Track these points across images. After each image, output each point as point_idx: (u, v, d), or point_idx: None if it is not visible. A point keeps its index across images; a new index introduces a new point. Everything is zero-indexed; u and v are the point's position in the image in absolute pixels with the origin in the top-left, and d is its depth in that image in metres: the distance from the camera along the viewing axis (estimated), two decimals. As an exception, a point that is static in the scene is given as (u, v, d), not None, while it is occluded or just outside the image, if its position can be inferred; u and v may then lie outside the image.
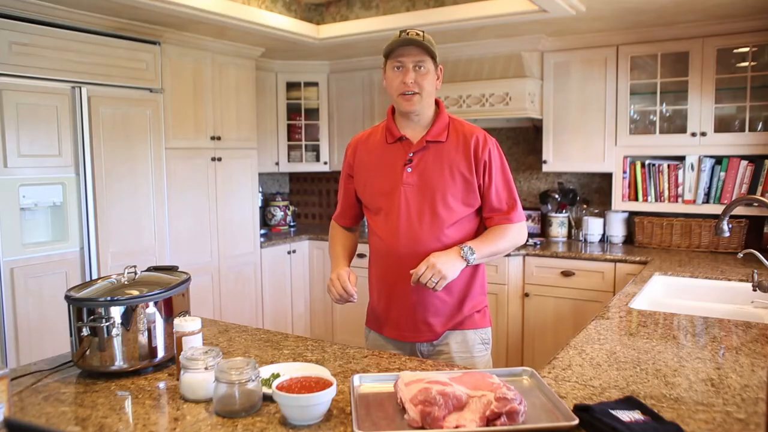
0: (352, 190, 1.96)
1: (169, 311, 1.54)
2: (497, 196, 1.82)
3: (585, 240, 3.96)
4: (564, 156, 3.91)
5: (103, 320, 1.43)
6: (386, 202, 1.84)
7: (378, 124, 1.97)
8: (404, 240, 1.78)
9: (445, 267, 1.66)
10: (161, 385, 1.43)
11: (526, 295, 3.69)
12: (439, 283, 1.66)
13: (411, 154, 1.82)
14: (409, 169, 1.81)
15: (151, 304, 1.49)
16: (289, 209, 4.96)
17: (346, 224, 2.04)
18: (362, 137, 1.97)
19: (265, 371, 1.43)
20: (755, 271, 2.44)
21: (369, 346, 1.94)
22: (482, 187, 1.81)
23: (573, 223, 4.09)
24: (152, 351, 1.50)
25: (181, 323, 1.44)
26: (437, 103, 1.89)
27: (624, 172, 3.75)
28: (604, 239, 3.95)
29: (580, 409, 1.20)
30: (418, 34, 1.75)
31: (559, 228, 4.06)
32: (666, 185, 3.65)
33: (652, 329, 1.89)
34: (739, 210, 3.38)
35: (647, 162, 3.71)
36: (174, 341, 1.47)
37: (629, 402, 1.24)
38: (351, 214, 2.02)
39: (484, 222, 1.87)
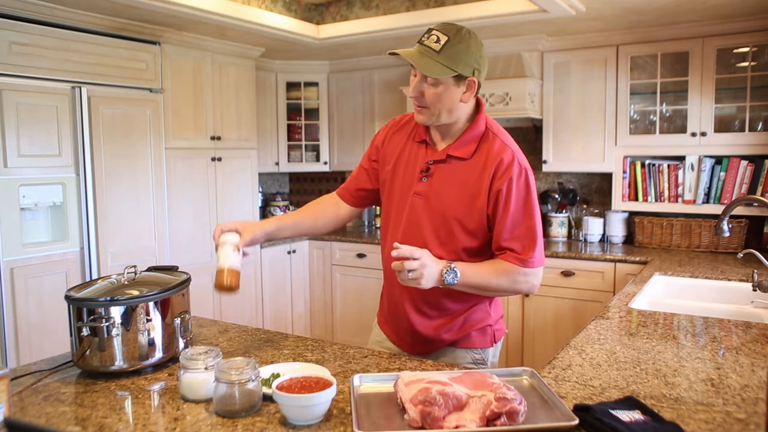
0: (372, 173, 1.79)
1: (169, 311, 1.54)
2: (510, 233, 1.56)
3: (585, 240, 3.96)
4: (564, 156, 3.91)
5: (103, 320, 1.43)
6: (396, 206, 1.70)
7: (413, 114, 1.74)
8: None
9: (427, 275, 1.46)
10: (161, 385, 1.43)
11: (526, 295, 3.69)
12: (410, 282, 1.46)
13: (430, 162, 1.64)
14: (424, 179, 1.64)
15: (151, 304, 1.49)
16: (289, 209, 4.96)
17: (348, 201, 1.84)
18: (398, 123, 1.77)
19: (265, 371, 1.43)
20: (755, 271, 2.44)
21: (371, 338, 1.91)
22: (494, 219, 1.58)
23: (573, 223, 4.09)
24: (152, 351, 1.50)
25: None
26: (478, 104, 1.65)
27: (624, 172, 3.75)
28: (604, 239, 3.95)
29: (580, 409, 1.20)
30: (437, 41, 1.48)
31: (559, 228, 4.06)
32: (666, 185, 3.65)
33: (652, 329, 1.89)
34: (739, 210, 3.38)
35: (647, 162, 3.71)
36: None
37: (629, 402, 1.24)
38: (359, 195, 1.83)
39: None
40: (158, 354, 1.51)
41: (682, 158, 3.60)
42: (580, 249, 3.71)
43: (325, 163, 4.82)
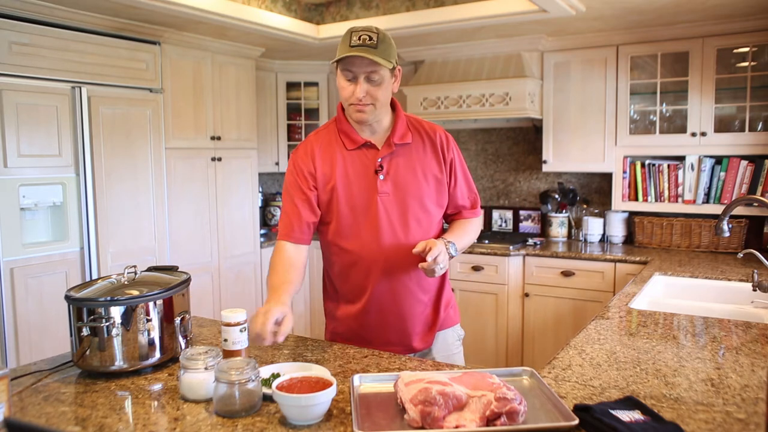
0: (314, 202, 1.73)
1: (169, 311, 1.54)
2: (462, 194, 1.81)
3: (585, 240, 3.96)
4: (564, 156, 3.91)
5: (103, 320, 1.43)
6: (361, 215, 1.70)
7: (325, 126, 1.78)
8: (389, 253, 1.67)
9: (447, 259, 1.62)
10: (161, 385, 1.43)
11: (526, 295, 3.69)
12: (439, 273, 1.59)
13: (380, 160, 1.69)
14: (382, 177, 1.69)
15: (151, 304, 1.49)
16: (289, 209, 4.95)
17: (302, 242, 1.72)
18: (314, 143, 1.74)
19: (265, 371, 1.43)
20: (755, 271, 2.44)
21: None
22: (450, 186, 1.78)
23: (573, 223, 4.09)
24: (152, 351, 1.50)
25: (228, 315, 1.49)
26: (392, 103, 1.76)
27: (624, 172, 3.75)
28: (604, 239, 3.95)
29: (580, 409, 1.20)
30: (371, 38, 1.57)
31: (559, 228, 4.06)
32: (666, 185, 3.65)
33: (652, 329, 1.89)
34: (739, 210, 3.38)
35: (647, 162, 3.71)
36: (177, 339, 1.47)
37: (629, 402, 1.24)
38: (310, 231, 1.74)
39: (446, 219, 1.86)
40: (158, 354, 1.51)
41: (682, 158, 3.60)
42: (580, 249, 3.71)
43: (325, 163, 4.82)
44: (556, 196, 4.08)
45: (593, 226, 3.93)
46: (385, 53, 1.59)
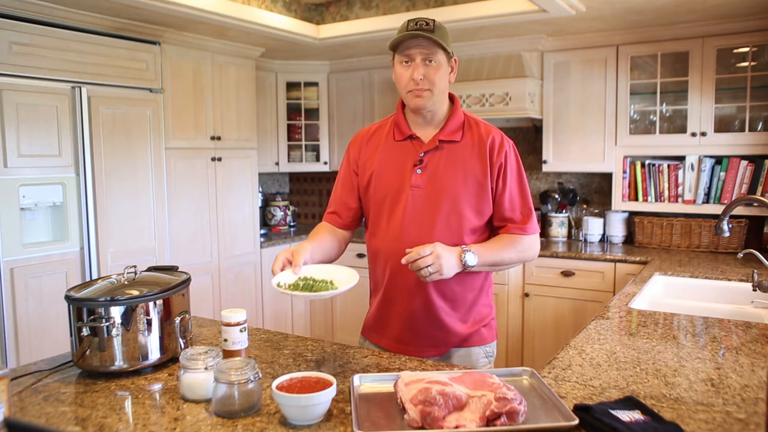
0: (356, 188, 1.79)
1: (169, 311, 1.54)
2: (511, 204, 1.69)
3: (585, 240, 3.96)
4: (564, 156, 3.91)
5: (103, 320, 1.43)
6: (390, 205, 1.70)
7: (386, 118, 1.82)
8: (409, 248, 1.58)
9: (447, 264, 1.52)
10: (161, 385, 1.43)
11: (526, 295, 3.69)
12: (432, 276, 1.51)
13: (422, 154, 1.68)
14: (419, 171, 1.67)
15: (151, 304, 1.49)
16: (289, 209, 4.96)
17: (338, 225, 1.81)
18: (367, 132, 1.81)
19: (287, 277, 1.50)
20: (755, 271, 2.44)
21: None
22: (495, 193, 1.68)
23: (573, 223, 4.09)
24: (152, 351, 1.50)
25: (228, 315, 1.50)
26: (452, 98, 1.74)
27: (624, 172, 3.75)
28: (604, 239, 3.95)
29: (580, 409, 1.20)
30: (427, 24, 1.59)
31: (559, 228, 4.06)
32: (666, 185, 3.65)
33: (652, 329, 1.89)
34: (739, 210, 3.38)
35: (647, 162, 3.71)
36: (177, 339, 1.47)
37: (629, 402, 1.24)
38: (349, 215, 1.81)
39: (495, 232, 1.74)
40: (158, 354, 1.51)
41: (682, 158, 3.60)
42: (580, 249, 3.71)
43: (325, 163, 4.82)
44: (556, 196, 4.08)
45: (593, 226, 3.93)
46: (442, 39, 1.60)
